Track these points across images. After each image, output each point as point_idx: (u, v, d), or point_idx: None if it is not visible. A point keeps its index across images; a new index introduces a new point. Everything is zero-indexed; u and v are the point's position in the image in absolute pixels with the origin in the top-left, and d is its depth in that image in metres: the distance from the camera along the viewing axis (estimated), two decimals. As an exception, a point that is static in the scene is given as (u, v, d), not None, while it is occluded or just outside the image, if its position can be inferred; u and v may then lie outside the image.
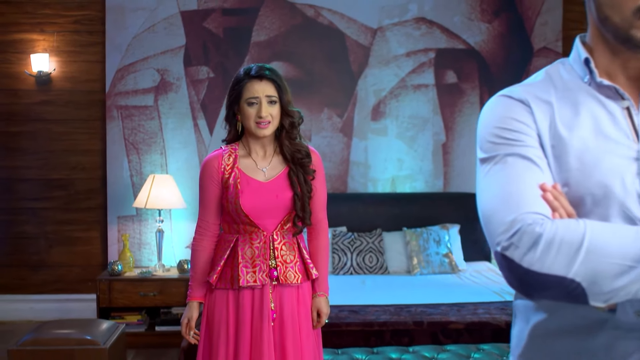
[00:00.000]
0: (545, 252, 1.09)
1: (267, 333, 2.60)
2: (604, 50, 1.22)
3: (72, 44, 5.73)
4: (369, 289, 4.71)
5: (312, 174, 2.72)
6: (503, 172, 1.19)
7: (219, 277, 2.67)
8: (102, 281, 5.11)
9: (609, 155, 1.16)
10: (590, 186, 1.16)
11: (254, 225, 2.65)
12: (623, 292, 1.07)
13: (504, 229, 1.14)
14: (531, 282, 1.11)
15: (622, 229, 1.10)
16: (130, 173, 5.70)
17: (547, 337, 1.23)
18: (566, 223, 1.10)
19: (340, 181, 5.82)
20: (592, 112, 1.20)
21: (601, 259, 1.07)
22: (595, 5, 1.19)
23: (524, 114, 1.21)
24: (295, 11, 5.76)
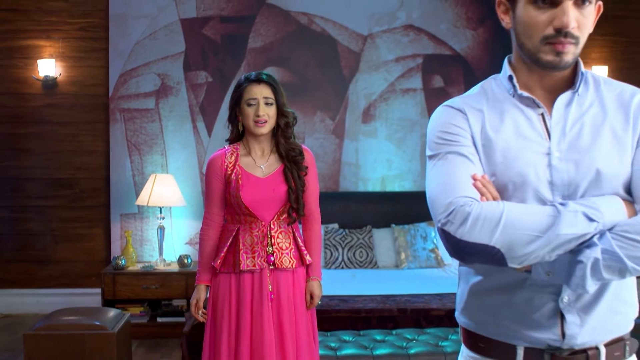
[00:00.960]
0: (472, 226, 1.42)
1: (267, 312, 2.94)
2: (523, 69, 1.56)
3: (77, 50, 6.05)
4: (359, 282, 5.04)
5: (305, 170, 3.07)
6: (444, 166, 1.52)
7: (223, 262, 3.02)
8: (107, 275, 5.44)
9: (526, 151, 1.50)
10: (512, 176, 1.49)
11: (253, 216, 2.99)
12: (533, 256, 1.40)
13: (443, 209, 1.47)
14: (463, 249, 1.45)
15: (532, 208, 1.43)
16: (132, 173, 6.02)
17: (482, 294, 1.57)
18: (489, 204, 1.43)
19: (333, 180, 6.15)
20: (514, 118, 1.53)
21: (515, 231, 1.40)
22: (515, 34, 1.53)
23: (461, 120, 1.55)
24: (290, 19, 6.09)
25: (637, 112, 1.51)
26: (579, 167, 1.48)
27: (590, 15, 1.49)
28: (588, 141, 1.49)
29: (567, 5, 1.44)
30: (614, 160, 1.47)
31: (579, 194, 1.47)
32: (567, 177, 1.48)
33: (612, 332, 1.52)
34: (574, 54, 1.48)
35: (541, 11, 1.46)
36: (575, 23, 1.45)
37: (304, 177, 3.07)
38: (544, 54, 1.47)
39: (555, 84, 1.54)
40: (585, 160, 1.48)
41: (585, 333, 1.49)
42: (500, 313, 1.53)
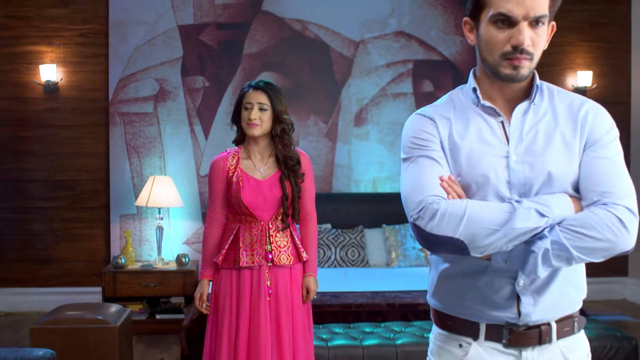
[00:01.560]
0: (440, 221, 1.65)
1: (264, 306, 3.17)
2: (486, 81, 1.78)
3: (78, 55, 6.28)
4: (351, 280, 5.27)
5: (301, 178, 3.29)
6: (416, 168, 1.75)
7: (224, 258, 3.24)
8: (108, 273, 5.67)
9: (487, 155, 1.72)
10: (475, 176, 1.72)
11: (252, 216, 3.22)
12: (492, 247, 1.63)
13: (414, 206, 1.70)
14: (432, 241, 1.67)
15: (491, 205, 1.66)
16: (131, 175, 6.24)
17: (449, 279, 1.80)
18: (454, 202, 1.66)
19: (326, 182, 6.38)
20: (477, 125, 1.76)
21: (476, 225, 1.63)
22: (479, 50, 1.76)
23: (431, 127, 1.77)
24: (284, 25, 6.33)
25: (584, 121, 1.74)
26: (533, 168, 1.70)
27: (544, 34, 1.72)
28: (541, 146, 1.72)
29: (522, 25, 1.67)
30: (563, 164, 1.70)
31: (533, 192, 1.70)
32: (522, 177, 1.71)
33: (562, 310, 1.75)
34: (529, 68, 1.71)
35: (500, 31, 1.69)
36: (529, 41, 1.68)
37: (300, 184, 3.30)
38: (503, 68, 1.70)
39: (514, 94, 1.77)
40: (538, 163, 1.71)
41: (539, 312, 1.72)
42: (465, 295, 1.76)
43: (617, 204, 1.65)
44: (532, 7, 1.66)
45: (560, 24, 6.79)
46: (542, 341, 1.73)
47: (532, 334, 1.73)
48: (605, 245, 1.63)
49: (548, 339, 1.74)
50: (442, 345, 1.82)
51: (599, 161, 1.70)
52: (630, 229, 1.64)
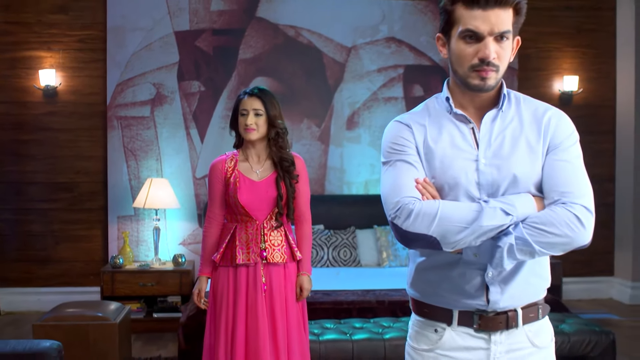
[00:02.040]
0: (414, 220, 1.84)
1: (260, 302, 3.36)
2: (458, 90, 1.97)
3: (77, 60, 6.46)
4: (343, 279, 5.46)
5: (296, 179, 3.49)
6: (394, 171, 1.94)
7: (222, 256, 3.43)
8: (106, 273, 5.85)
9: (459, 159, 1.91)
10: (447, 178, 1.91)
11: (248, 216, 3.41)
12: (462, 242, 1.82)
13: (392, 206, 1.89)
14: (408, 238, 1.86)
15: (461, 205, 1.85)
16: (129, 177, 6.43)
17: (425, 271, 1.98)
18: (427, 202, 1.85)
19: (319, 184, 6.58)
20: (449, 131, 1.95)
21: (448, 223, 1.82)
22: (450, 63, 1.94)
23: (407, 133, 1.96)
24: (278, 32, 6.53)
25: (547, 127, 1.93)
26: (500, 171, 1.90)
27: (508, 48, 1.91)
28: (508, 150, 1.91)
29: (488, 40, 1.86)
30: (527, 166, 1.89)
31: (500, 193, 1.89)
32: (491, 179, 1.90)
33: (527, 298, 1.94)
34: (496, 78, 1.90)
35: (469, 45, 1.88)
36: (495, 55, 1.87)
37: (295, 185, 3.49)
38: (472, 79, 1.89)
39: (484, 102, 1.96)
40: (505, 166, 1.90)
41: (506, 299, 1.91)
42: (440, 285, 1.95)
43: (575, 202, 1.84)
44: (497, 24, 1.85)
45: (547, 30, 7.04)
46: (509, 326, 1.92)
47: (500, 319, 1.92)
48: (564, 240, 1.82)
49: (515, 324, 1.93)
50: (419, 330, 2.02)
51: (560, 164, 1.89)
52: (586, 226, 1.83)
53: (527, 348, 1.95)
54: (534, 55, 6.87)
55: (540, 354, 1.97)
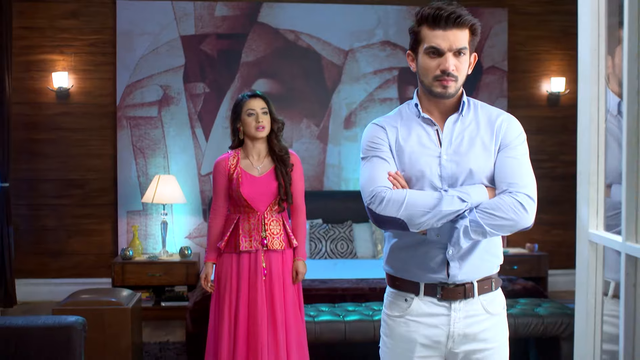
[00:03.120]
0: (386, 205, 2.22)
1: (260, 285, 3.75)
2: (425, 98, 2.36)
3: (88, 63, 6.86)
4: (339, 269, 5.84)
5: (291, 167, 3.87)
6: (370, 165, 2.33)
7: (226, 244, 3.82)
8: (117, 264, 6.25)
9: (424, 155, 2.30)
10: (415, 172, 2.30)
11: (250, 207, 3.80)
12: (426, 224, 2.20)
13: (368, 194, 2.28)
14: (381, 220, 2.25)
15: (425, 193, 2.23)
16: (137, 174, 6.82)
17: (397, 250, 2.37)
18: (397, 191, 2.24)
19: (317, 181, 6.96)
20: (417, 132, 2.33)
21: (413, 208, 2.20)
22: (418, 75, 2.33)
23: (382, 134, 2.35)
24: (279, 36, 6.92)
25: (499, 129, 2.32)
26: (459, 165, 2.28)
27: (465, 62, 2.30)
28: (466, 148, 2.30)
29: (448, 55, 2.25)
30: (482, 162, 2.28)
31: (458, 183, 2.28)
32: (451, 172, 2.28)
33: (482, 273, 2.33)
34: (455, 87, 2.28)
35: (432, 59, 2.27)
36: (454, 67, 2.25)
37: (290, 174, 3.88)
38: (435, 87, 2.28)
39: (447, 108, 2.35)
40: (463, 161, 2.28)
41: (463, 274, 2.29)
42: (409, 262, 2.34)
43: (520, 192, 2.22)
44: (455, 42, 2.24)
45: (536, 34, 7.41)
46: (466, 296, 2.31)
47: (459, 290, 2.31)
48: (510, 223, 2.20)
49: (471, 294, 2.31)
50: (392, 300, 2.41)
51: (509, 160, 2.28)
52: (529, 211, 2.21)
53: (481, 314, 2.33)
54: (523, 58, 7.24)
55: (493, 319, 2.35)
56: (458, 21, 2.24)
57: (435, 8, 2.28)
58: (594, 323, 1.89)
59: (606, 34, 1.86)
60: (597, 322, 1.89)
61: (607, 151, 1.93)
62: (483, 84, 7.11)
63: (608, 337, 2.17)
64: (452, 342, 2.32)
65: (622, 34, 1.63)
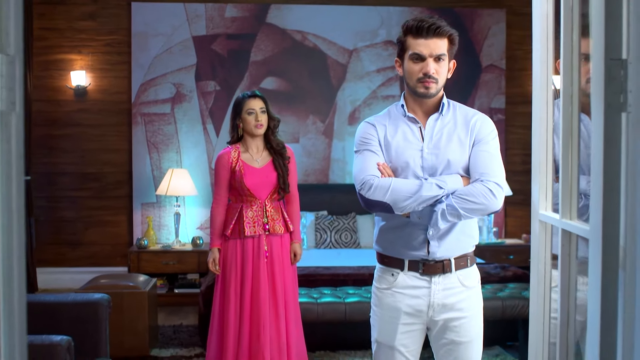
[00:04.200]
0: (374, 191, 2.61)
1: (263, 267, 4.14)
2: (410, 99, 2.74)
3: (104, 62, 7.27)
4: (343, 258, 6.23)
5: (287, 159, 4.27)
6: (362, 157, 2.71)
7: (232, 231, 4.21)
8: (133, 253, 6.67)
9: (409, 149, 2.68)
10: (400, 163, 2.68)
11: (253, 196, 4.19)
12: (409, 207, 2.59)
13: (359, 181, 2.66)
14: (370, 204, 2.63)
15: (408, 181, 2.61)
16: (151, 168, 7.23)
17: (385, 231, 2.75)
18: (384, 179, 2.62)
19: (323, 174, 7.35)
20: (403, 129, 2.71)
21: (397, 193, 2.58)
22: (404, 78, 2.70)
23: (373, 131, 2.73)
24: (286, 36, 7.30)
25: (473, 127, 2.69)
26: (438, 158, 2.66)
27: (445, 67, 2.67)
28: (444, 143, 2.68)
29: (429, 60, 2.63)
30: (458, 155, 2.66)
31: (437, 173, 2.66)
32: (431, 163, 2.66)
33: (459, 251, 2.70)
34: (436, 88, 2.66)
35: (416, 64, 2.65)
36: (434, 70, 2.63)
37: (287, 166, 4.28)
38: (419, 88, 2.66)
39: (429, 108, 2.73)
40: (442, 154, 2.66)
41: (442, 251, 2.67)
42: (395, 241, 2.72)
43: (490, 180, 2.60)
44: (435, 49, 2.63)
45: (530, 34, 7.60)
46: (445, 271, 2.69)
47: (438, 266, 2.69)
48: (481, 207, 2.58)
49: (449, 270, 2.70)
50: (381, 275, 2.80)
51: (481, 153, 2.66)
52: (497, 196, 2.59)
53: (458, 287, 2.71)
54: (521, 57, 7.60)
55: (468, 292, 2.73)
56: (438, 31, 2.63)
57: (418, 20, 2.68)
58: (544, 289, 2.26)
59: (554, 45, 2.24)
60: (546, 288, 2.26)
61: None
62: (482, 82, 7.47)
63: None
64: (433, 311, 2.70)
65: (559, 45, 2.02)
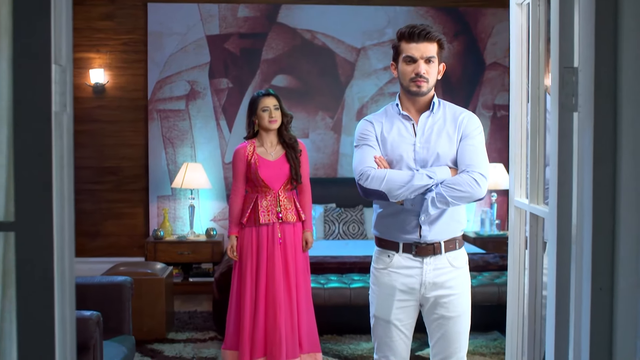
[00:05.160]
0: (371, 180, 2.94)
1: (277, 253, 4.50)
2: (404, 98, 3.07)
3: (122, 61, 7.63)
4: (350, 248, 6.58)
5: (299, 153, 4.62)
6: (361, 151, 3.05)
7: (248, 219, 4.56)
8: (149, 243, 7.04)
9: (403, 143, 3.01)
10: (395, 156, 3.01)
11: (267, 187, 4.54)
12: (402, 195, 2.92)
13: (358, 172, 3.00)
14: (367, 192, 2.97)
15: (401, 172, 2.94)
16: (167, 162, 7.59)
17: (382, 217, 3.09)
18: (380, 170, 2.95)
19: (332, 168, 7.69)
20: (398, 126, 3.05)
21: (392, 183, 2.92)
22: (399, 79, 3.04)
23: (370, 127, 3.07)
24: (296, 35, 7.64)
25: (460, 123, 3.02)
26: (429, 151, 3.00)
27: (435, 68, 3.01)
28: (435, 138, 3.01)
29: (420, 62, 2.97)
30: (446, 148, 2.99)
31: (428, 165, 2.99)
32: (422, 156, 3.00)
33: (448, 235, 3.03)
34: (427, 87, 3.00)
35: (409, 65, 2.99)
36: (425, 70, 2.97)
37: (299, 158, 4.63)
38: (411, 87, 3.00)
39: (421, 106, 3.07)
40: (432, 148, 3.00)
41: (433, 235, 3.00)
42: (391, 226, 3.06)
43: (475, 171, 2.94)
44: (425, 52, 2.96)
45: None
46: (435, 253, 3.03)
47: (429, 248, 3.03)
48: (467, 194, 2.92)
49: (439, 252, 3.03)
50: (378, 256, 3.14)
51: (468, 147, 3.00)
52: (481, 185, 2.93)
53: (447, 267, 3.05)
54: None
55: (457, 272, 3.07)
56: (427, 36, 2.98)
57: (410, 27, 3.03)
58: (518, 267, 2.60)
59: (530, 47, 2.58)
60: (521, 267, 2.60)
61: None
62: (486, 79, 7.79)
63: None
64: (424, 289, 3.04)
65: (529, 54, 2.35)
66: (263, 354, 4.52)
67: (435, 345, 3.11)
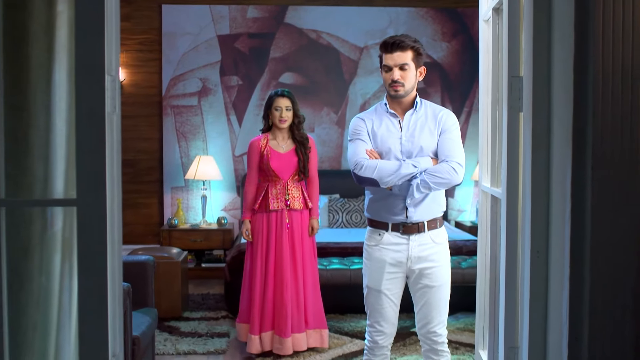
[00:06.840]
0: (365, 169, 3.46)
1: (285, 238, 5.03)
2: (390, 99, 3.59)
3: (137, 59, 8.16)
4: (353, 235, 7.09)
5: (308, 148, 5.14)
6: (355, 145, 3.56)
7: (259, 206, 5.09)
8: (164, 231, 7.58)
9: (391, 138, 3.52)
10: (384, 148, 3.53)
11: (277, 177, 5.07)
12: (391, 182, 3.43)
13: (353, 162, 3.51)
14: (361, 179, 3.49)
15: (390, 162, 3.45)
16: (180, 155, 8.13)
17: (373, 201, 3.60)
18: (372, 161, 3.47)
19: (336, 161, 8.21)
20: (386, 122, 3.56)
21: (382, 172, 3.43)
22: (383, 80, 3.56)
23: (362, 124, 3.59)
24: (302, 34, 8.16)
25: (440, 120, 3.54)
26: (413, 144, 3.51)
27: (411, 72, 3.50)
28: (418, 133, 3.53)
29: (395, 70, 3.48)
30: (428, 142, 3.51)
31: (413, 156, 3.50)
32: (408, 148, 3.51)
33: (430, 215, 3.54)
34: (404, 90, 3.50)
35: (387, 73, 3.51)
36: (399, 76, 3.47)
37: (308, 154, 5.15)
38: (390, 91, 3.52)
39: (405, 105, 3.58)
40: (416, 141, 3.51)
41: (417, 216, 3.52)
42: (381, 209, 3.57)
43: (453, 160, 3.46)
44: (398, 60, 3.48)
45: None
46: (419, 231, 3.55)
47: (414, 227, 3.55)
48: (446, 181, 3.44)
49: (423, 230, 3.55)
50: (370, 235, 3.66)
51: (446, 140, 3.52)
52: (458, 173, 3.44)
53: (430, 243, 3.57)
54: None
55: (438, 247, 3.59)
56: (400, 45, 3.50)
57: (387, 39, 3.56)
58: (485, 245, 3.12)
59: (492, 58, 3.10)
60: (487, 245, 3.12)
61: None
62: (482, 76, 8.27)
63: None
64: (410, 262, 3.57)
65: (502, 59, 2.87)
66: (271, 327, 5.06)
67: (419, 311, 3.63)
